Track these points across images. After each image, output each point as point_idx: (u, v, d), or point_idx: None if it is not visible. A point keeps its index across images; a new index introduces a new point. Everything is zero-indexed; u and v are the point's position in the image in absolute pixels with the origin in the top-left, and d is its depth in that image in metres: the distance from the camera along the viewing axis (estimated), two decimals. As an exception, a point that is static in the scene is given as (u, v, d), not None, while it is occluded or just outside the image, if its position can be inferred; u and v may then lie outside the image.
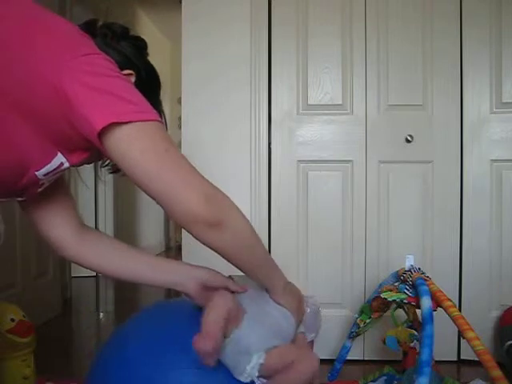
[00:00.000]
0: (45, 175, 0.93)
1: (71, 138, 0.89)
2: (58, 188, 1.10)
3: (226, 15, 2.24)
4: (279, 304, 1.07)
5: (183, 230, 2.29)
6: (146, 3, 4.78)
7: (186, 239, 2.25)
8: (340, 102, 2.23)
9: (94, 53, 0.87)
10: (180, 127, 2.33)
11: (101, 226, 4.10)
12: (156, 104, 1.02)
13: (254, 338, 0.98)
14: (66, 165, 0.93)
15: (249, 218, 0.94)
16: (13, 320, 1.69)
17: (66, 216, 1.11)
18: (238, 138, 2.24)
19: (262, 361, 0.96)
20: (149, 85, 1.02)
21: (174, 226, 6.00)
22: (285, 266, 2.24)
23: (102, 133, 0.83)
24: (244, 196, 2.21)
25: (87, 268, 1.14)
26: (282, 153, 2.25)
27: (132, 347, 1.05)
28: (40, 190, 0.99)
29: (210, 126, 2.26)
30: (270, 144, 2.25)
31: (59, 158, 0.92)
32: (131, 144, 0.84)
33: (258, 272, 1.03)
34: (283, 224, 2.24)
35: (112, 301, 3.44)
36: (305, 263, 2.24)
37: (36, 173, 0.91)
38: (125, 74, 0.93)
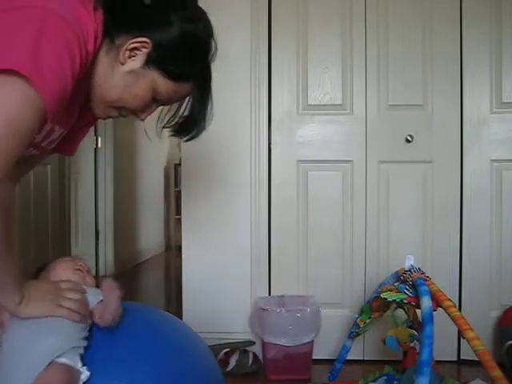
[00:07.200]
0: None
1: None
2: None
3: (226, 15, 2.24)
4: (26, 317, 0.95)
5: (183, 231, 2.29)
6: (146, 3, 4.78)
7: (186, 240, 2.25)
8: (340, 102, 2.23)
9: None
10: (180, 127, 2.32)
11: (101, 226, 4.10)
12: (190, 77, 1.00)
13: None
14: None
15: (249, 218, 0.92)
16: (13, 320, 1.69)
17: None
18: (238, 138, 2.24)
19: None
20: (177, 53, 0.98)
21: (174, 226, 6.00)
22: (285, 266, 2.25)
23: None
24: (244, 196, 2.20)
25: None
26: (282, 153, 2.25)
27: None
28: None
29: (210, 125, 2.24)
30: (270, 144, 2.25)
31: None
32: None
33: None
34: (283, 224, 2.23)
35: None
36: (305, 263, 2.24)
37: None
38: (138, 42, 0.91)
